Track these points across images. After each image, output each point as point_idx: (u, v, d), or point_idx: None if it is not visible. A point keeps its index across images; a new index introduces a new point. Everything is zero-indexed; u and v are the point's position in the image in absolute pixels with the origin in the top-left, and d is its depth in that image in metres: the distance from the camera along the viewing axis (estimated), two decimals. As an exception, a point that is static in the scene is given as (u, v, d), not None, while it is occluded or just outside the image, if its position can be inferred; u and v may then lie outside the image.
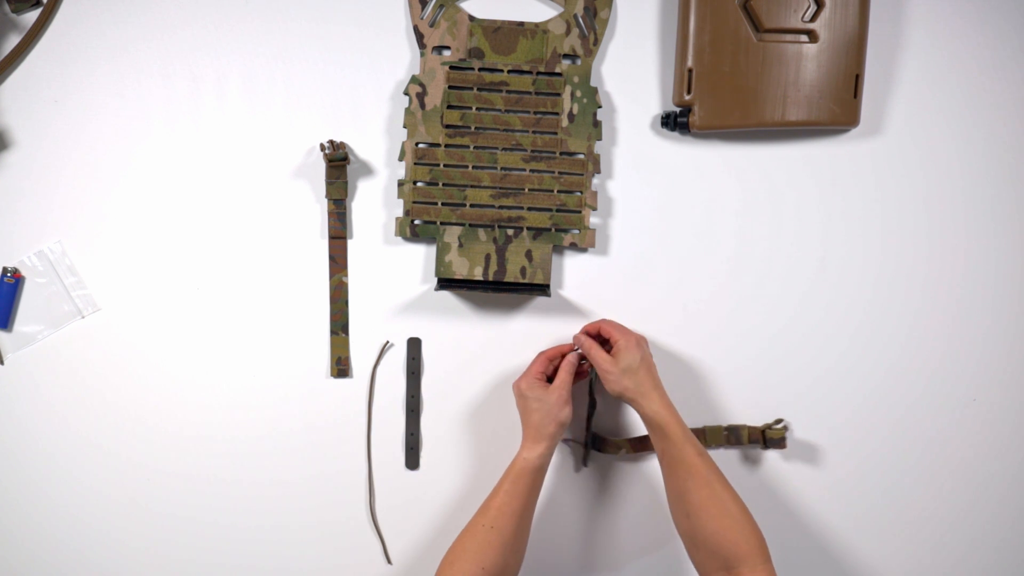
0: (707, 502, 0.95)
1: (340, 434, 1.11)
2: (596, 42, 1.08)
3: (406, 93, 1.08)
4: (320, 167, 1.09)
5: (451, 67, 1.07)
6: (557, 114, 1.08)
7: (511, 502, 0.99)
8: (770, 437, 1.10)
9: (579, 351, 1.06)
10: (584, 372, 1.08)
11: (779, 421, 1.10)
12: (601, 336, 1.05)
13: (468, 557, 0.96)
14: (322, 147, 1.05)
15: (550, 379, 1.05)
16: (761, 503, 1.12)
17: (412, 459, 1.11)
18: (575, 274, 1.11)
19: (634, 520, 1.12)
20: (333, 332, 1.10)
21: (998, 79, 1.11)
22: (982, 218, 1.12)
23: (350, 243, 1.10)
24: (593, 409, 1.09)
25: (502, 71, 1.07)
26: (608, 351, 1.03)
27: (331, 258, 1.09)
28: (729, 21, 1.05)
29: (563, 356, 1.06)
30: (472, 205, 1.08)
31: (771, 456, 1.12)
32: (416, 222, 1.08)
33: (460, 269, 1.08)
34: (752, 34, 1.05)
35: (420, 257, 1.11)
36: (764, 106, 1.06)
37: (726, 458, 1.12)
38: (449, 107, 1.07)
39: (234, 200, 1.09)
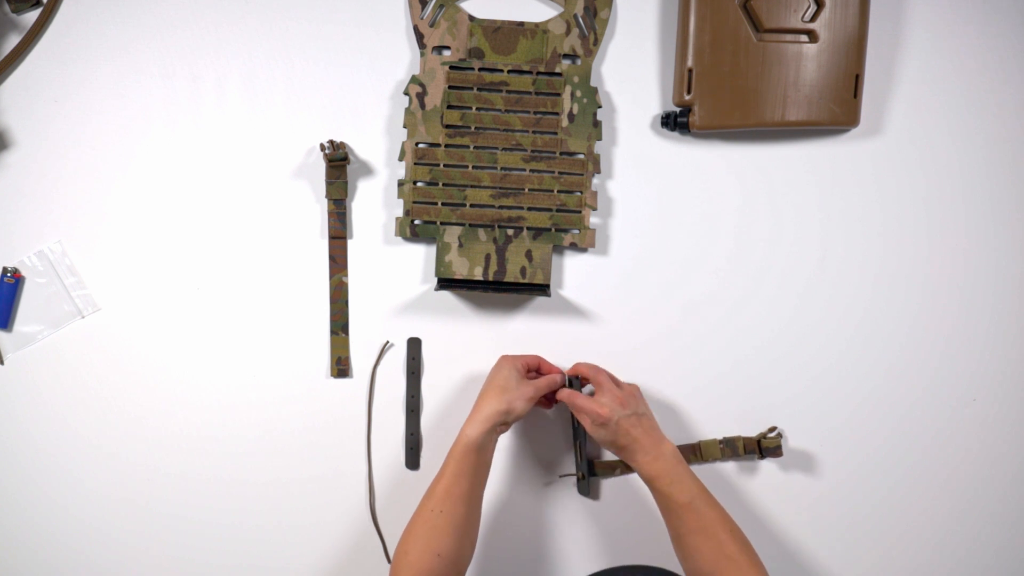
0: (701, 545, 0.95)
1: (340, 434, 1.11)
2: (596, 42, 1.08)
3: (406, 93, 1.08)
4: (320, 167, 1.09)
5: (451, 67, 1.07)
6: (557, 114, 1.08)
7: (458, 483, 0.97)
8: (766, 446, 1.09)
9: (565, 378, 1.06)
10: (551, 401, 1.07)
11: (773, 429, 1.10)
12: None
13: (421, 544, 0.95)
14: (322, 147, 1.05)
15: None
16: (761, 512, 1.12)
17: (412, 459, 1.11)
18: (575, 274, 1.11)
19: (642, 529, 1.12)
20: (333, 332, 1.10)
21: (998, 79, 1.11)
22: (982, 218, 1.12)
23: (350, 243, 1.10)
24: (582, 439, 1.09)
25: (502, 71, 1.07)
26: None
27: (331, 258, 1.09)
28: (729, 21, 1.05)
29: (548, 372, 1.07)
30: (472, 205, 1.08)
31: (770, 467, 1.12)
32: (416, 222, 1.08)
33: (460, 269, 1.08)
34: (752, 34, 1.05)
35: (420, 257, 1.11)
36: (764, 106, 1.06)
37: (724, 471, 1.12)
38: (449, 107, 1.07)
39: (234, 200, 1.09)
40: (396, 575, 0.95)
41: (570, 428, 1.11)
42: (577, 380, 1.07)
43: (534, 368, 1.06)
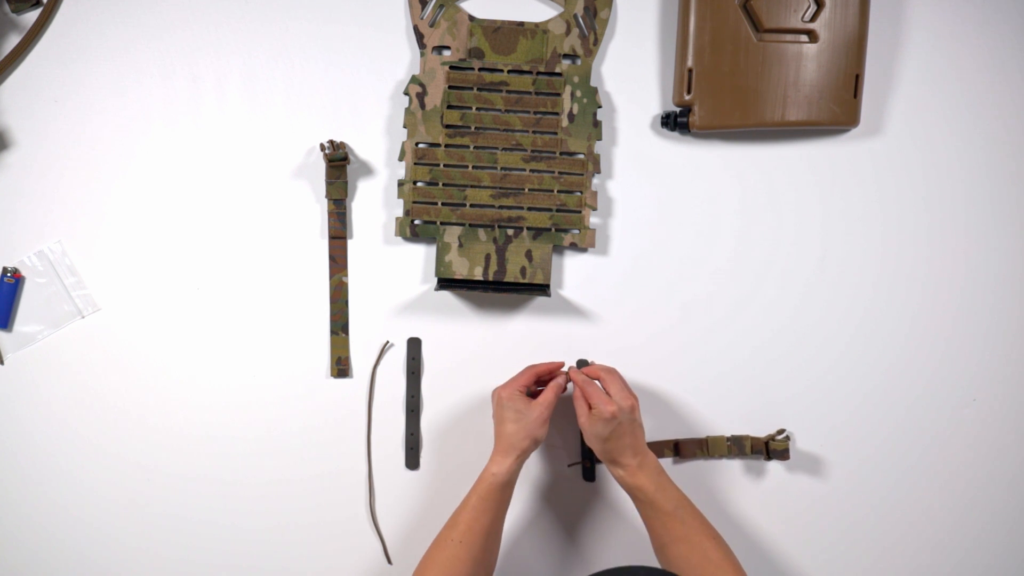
0: (686, 553, 0.95)
1: (340, 434, 1.11)
2: (596, 42, 1.08)
3: (406, 93, 1.08)
4: (320, 167, 1.09)
5: (451, 67, 1.07)
6: (557, 114, 1.08)
7: (480, 518, 0.98)
8: (773, 448, 1.10)
9: (568, 373, 1.05)
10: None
11: (782, 431, 1.10)
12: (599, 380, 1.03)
13: (438, 571, 0.96)
14: (322, 147, 1.06)
15: (531, 394, 1.04)
16: (766, 513, 1.12)
17: (412, 459, 1.11)
18: (575, 274, 1.11)
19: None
20: (333, 332, 1.10)
21: (998, 79, 1.11)
22: (982, 218, 1.12)
23: (350, 243, 1.10)
24: None
25: (502, 71, 1.07)
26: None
27: (331, 258, 1.09)
28: (729, 21, 1.05)
29: (551, 375, 1.05)
30: (472, 205, 1.08)
31: (773, 466, 1.12)
32: (416, 222, 1.08)
33: (460, 269, 1.08)
34: (752, 34, 1.05)
35: (420, 257, 1.11)
36: (764, 106, 1.06)
37: (728, 468, 1.12)
38: (449, 107, 1.07)
39: (234, 200, 1.09)
40: None
41: (575, 419, 1.10)
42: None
43: (531, 384, 1.03)
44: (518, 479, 1.03)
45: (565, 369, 1.06)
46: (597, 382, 1.02)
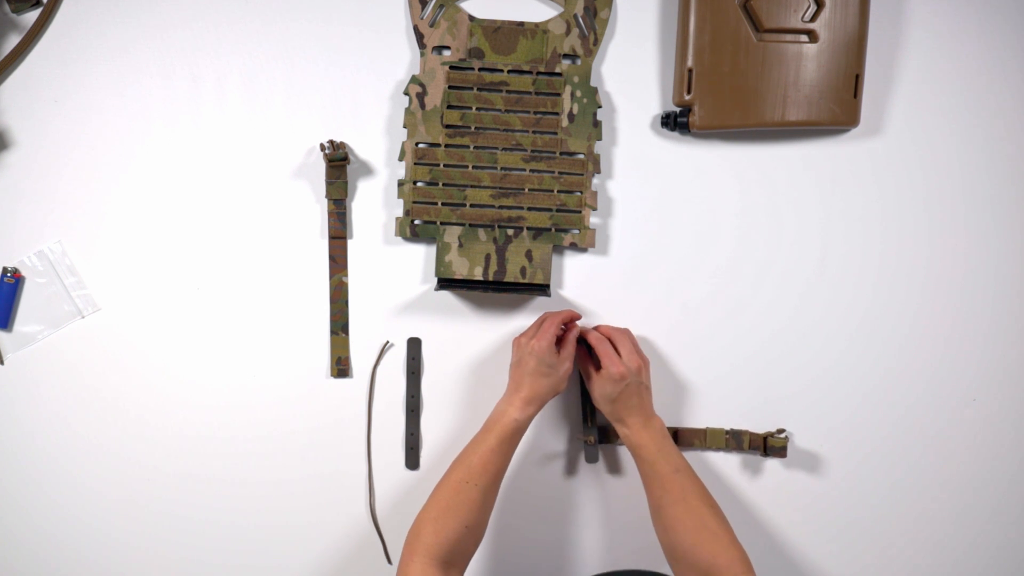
0: (682, 516, 0.96)
1: (340, 434, 1.11)
2: (596, 42, 1.08)
3: (406, 93, 1.08)
4: (320, 167, 1.09)
5: (451, 67, 1.07)
6: (557, 114, 1.08)
7: (495, 460, 0.99)
8: (771, 445, 1.10)
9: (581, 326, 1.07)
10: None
11: (781, 431, 1.10)
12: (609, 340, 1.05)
13: (452, 515, 0.95)
14: (322, 147, 1.06)
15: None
16: (761, 509, 1.12)
17: (412, 459, 1.11)
18: (575, 274, 1.11)
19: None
20: (333, 332, 1.10)
21: (998, 79, 1.11)
22: (982, 218, 1.12)
23: (350, 243, 1.10)
24: (592, 408, 1.10)
25: (502, 71, 1.07)
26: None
27: (331, 258, 1.09)
28: (729, 21, 1.05)
29: (566, 324, 1.06)
30: (472, 205, 1.08)
31: (771, 463, 1.12)
32: (416, 222, 1.08)
33: (460, 269, 1.08)
34: (752, 34, 1.05)
35: (420, 257, 1.11)
36: (764, 106, 1.06)
37: (726, 462, 1.12)
38: (449, 107, 1.07)
39: (234, 200, 1.09)
40: (417, 540, 0.94)
41: (579, 394, 1.11)
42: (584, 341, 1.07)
43: (557, 333, 1.03)
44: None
45: (578, 323, 1.07)
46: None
